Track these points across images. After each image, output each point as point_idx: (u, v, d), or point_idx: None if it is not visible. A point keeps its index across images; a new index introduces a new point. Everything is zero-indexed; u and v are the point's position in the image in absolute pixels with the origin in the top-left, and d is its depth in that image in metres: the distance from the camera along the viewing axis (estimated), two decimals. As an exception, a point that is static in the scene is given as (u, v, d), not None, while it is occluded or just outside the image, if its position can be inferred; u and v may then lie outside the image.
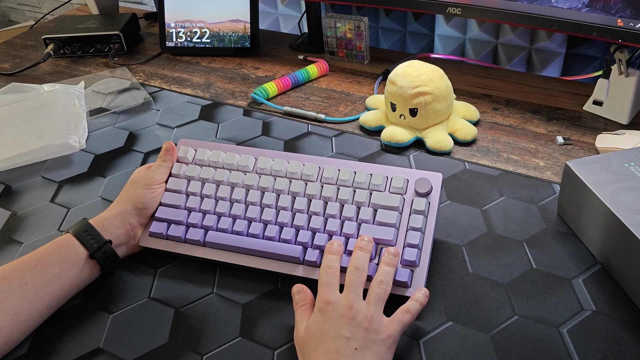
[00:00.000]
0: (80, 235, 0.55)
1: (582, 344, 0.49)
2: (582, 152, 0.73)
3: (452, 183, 0.68)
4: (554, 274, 0.55)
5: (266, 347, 0.51)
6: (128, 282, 0.58)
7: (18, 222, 0.68)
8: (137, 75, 1.00)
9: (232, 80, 0.96)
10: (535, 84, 0.89)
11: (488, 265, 0.57)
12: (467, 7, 0.79)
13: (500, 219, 0.62)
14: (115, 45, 1.07)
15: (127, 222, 0.59)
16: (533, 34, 0.96)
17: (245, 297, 0.56)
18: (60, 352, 0.52)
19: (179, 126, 0.84)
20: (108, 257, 0.56)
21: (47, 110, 0.84)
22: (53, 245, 0.55)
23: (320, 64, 0.95)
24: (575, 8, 0.71)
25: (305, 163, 0.62)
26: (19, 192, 0.73)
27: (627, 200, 0.52)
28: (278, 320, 0.53)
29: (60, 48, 1.07)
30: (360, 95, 0.89)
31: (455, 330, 0.51)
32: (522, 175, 0.69)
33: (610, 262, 0.54)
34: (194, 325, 0.53)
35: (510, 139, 0.76)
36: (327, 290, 0.48)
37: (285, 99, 0.89)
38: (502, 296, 0.54)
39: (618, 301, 0.52)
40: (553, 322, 0.51)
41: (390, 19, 1.08)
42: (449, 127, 0.75)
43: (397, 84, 0.73)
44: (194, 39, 1.04)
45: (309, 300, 0.51)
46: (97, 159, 0.78)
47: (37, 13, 1.84)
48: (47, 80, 1.00)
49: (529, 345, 0.49)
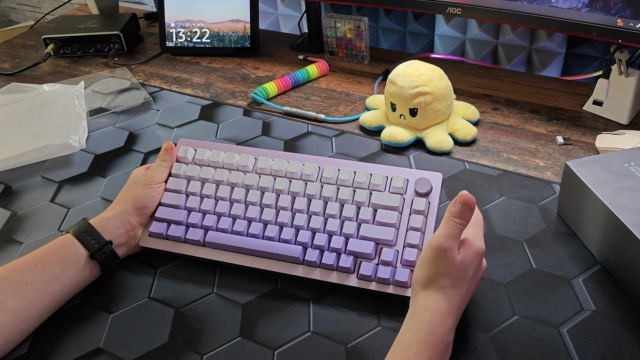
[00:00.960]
0: (80, 236, 0.55)
1: (582, 343, 0.49)
2: (582, 152, 0.73)
3: (452, 183, 0.68)
4: (554, 274, 0.55)
5: (266, 347, 0.51)
6: (128, 282, 0.58)
7: (18, 222, 0.68)
8: (137, 75, 1.00)
9: (232, 80, 0.96)
10: (535, 84, 0.89)
11: (488, 265, 0.57)
12: (467, 7, 0.79)
13: (500, 219, 0.62)
14: (115, 45, 1.07)
15: (127, 222, 0.59)
16: (533, 34, 0.96)
17: (245, 297, 0.56)
18: (60, 352, 0.51)
19: (179, 126, 0.84)
20: (108, 257, 0.56)
21: (47, 110, 0.84)
22: (53, 246, 0.55)
23: (320, 64, 0.95)
24: (575, 8, 0.71)
25: (305, 163, 0.62)
26: (19, 192, 0.73)
27: (627, 200, 0.52)
28: (278, 320, 0.53)
29: (60, 48, 1.07)
30: (360, 95, 0.89)
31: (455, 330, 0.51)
32: (522, 175, 0.69)
33: (610, 262, 0.54)
34: (194, 325, 0.53)
35: (510, 139, 0.76)
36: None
37: (285, 99, 0.89)
38: (502, 296, 0.53)
39: (618, 301, 0.52)
40: (553, 322, 0.51)
41: (390, 19, 1.08)
42: (449, 127, 0.75)
43: (397, 84, 0.73)
44: (194, 39, 1.04)
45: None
46: (97, 159, 0.78)
47: (37, 13, 1.84)
48: (47, 80, 1.00)
49: (529, 345, 0.49)
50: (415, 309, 0.45)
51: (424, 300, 0.45)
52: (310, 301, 0.55)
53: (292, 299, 0.55)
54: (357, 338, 0.51)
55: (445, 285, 0.45)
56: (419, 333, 0.44)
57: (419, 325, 0.44)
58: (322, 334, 0.51)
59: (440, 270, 0.45)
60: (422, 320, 0.44)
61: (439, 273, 0.45)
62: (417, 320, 0.45)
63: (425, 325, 0.44)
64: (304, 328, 0.52)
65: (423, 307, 0.45)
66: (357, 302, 0.54)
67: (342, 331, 0.52)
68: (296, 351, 0.50)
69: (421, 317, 0.44)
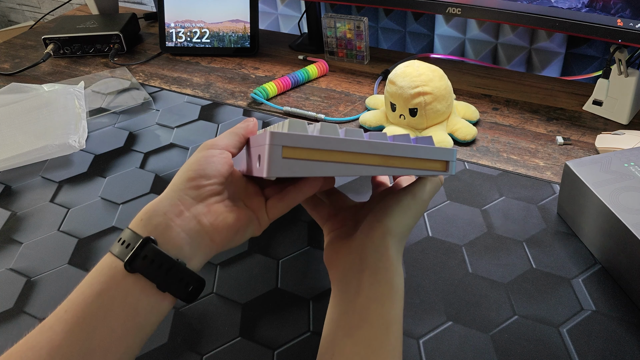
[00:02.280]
0: (117, 253, 0.39)
1: (582, 343, 0.49)
2: (582, 152, 0.73)
3: (452, 183, 0.68)
4: (554, 273, 0.55)
5: (266, 347, 0.51)
6: (128, 282, 0.58)
7: (18, 222, 0.68)
8: (137, 76, 1.00)
9: (232, 80, 0.96)
10: (535, 84, 0.89)
11: (488, 265, 0.57)
12: (467, 7, 0.79)
13: (500, 219, 0.62)
14: (115, 46, 1.07)
15: (180, 203, 0.40)
16: (533, 34, 0.96)
17: (245, 297, 0.56)
18: (60, 352, 0.51)
19: (178, 126, 0.84)
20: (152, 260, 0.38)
21: (46, 110, 0.84)
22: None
23: (320, 64, 0.95)
24: (575, 8, 0.71)
25: None
26: (19, 192, 0.73)
27: (627, 200, 0.52)
28: (278, 320, 0.53)
29: (60, 48, 1.07)
30: (360, 96, 0.89)
31: (455, 330, 0.51)
32: (522, 175, 0.69)
33: (610, 262, 0.54)
34: (194, 325, 0.53)
35: (510, 139, 0.76)
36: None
37: (285, 99, 0.89)
38: (502, 296, 0.53)
39: (618, 301, 0.52)
40: (553, 322, 0.51)
41: (390, 19, 1.08)
42: (448, 127, 0.75)
43: (396, 84, 0.73)
44: (193, 39, 1.04)
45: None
46: (96, 159, 0.78)
47: (37, 13, 1.84)
48: (46, 81, 1.00)
49: (528, 345, 0.49)
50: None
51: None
52: (310, 301, 0.55)
53: (292, 299, 0.55)
54: (357, 338, 0.51)
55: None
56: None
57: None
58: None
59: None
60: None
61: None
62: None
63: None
64: (304, 328, 0.52)
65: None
66: (357, 302, 0.54)
67: (342, 331, 0.52)
68: (296, 351, 0.50)
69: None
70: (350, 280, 0.43)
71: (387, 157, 0.41)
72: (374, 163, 0.40)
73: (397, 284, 0.42)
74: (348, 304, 0.42)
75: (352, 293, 0.42)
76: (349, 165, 0.39)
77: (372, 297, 0.41)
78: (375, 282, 0.42)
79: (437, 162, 0.45)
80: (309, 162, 0.37)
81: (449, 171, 0.45)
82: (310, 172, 0.37)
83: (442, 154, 0.44)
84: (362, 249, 0.44)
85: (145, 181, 0.73)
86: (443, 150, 0.44)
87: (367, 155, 0.40)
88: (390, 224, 0.45)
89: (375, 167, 0.40)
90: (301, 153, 0.37)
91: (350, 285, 0.42)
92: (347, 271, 0.44)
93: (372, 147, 0.40)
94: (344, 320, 0.41)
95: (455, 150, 0.45)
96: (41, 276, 0.60)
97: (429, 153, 0.43)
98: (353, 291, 0.42)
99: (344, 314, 0.41)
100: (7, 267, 0.61)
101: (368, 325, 0.40)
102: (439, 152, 0.44)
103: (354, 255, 0.44)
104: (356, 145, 0.39)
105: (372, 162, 0.40)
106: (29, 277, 0.60)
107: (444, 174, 0.45)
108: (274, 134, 0.36)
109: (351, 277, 0.43)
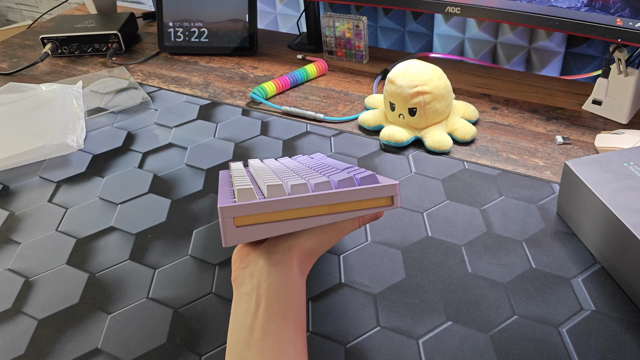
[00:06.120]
0: None
1: (582, 343, 0.49)
2: (581, 151, 0.72)
3: (451, 183, 0.68)
4: (554, 273, 0.55)
5: (265, 347, 0.50)
6: (126, 282, 0.58)
7: (16, 222, 0.67)
8: (135, 75, 1.00)
9: (230, 79, 0.96)
10: (535, 83, 0.89)
11: (487, 265, 0.57)
12: (466, 7, 0.79)
13: (500, 218, 0.62)
14: (113, 45, 1.07)
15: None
16: (532, 34, 0.96)
17: (244, 298, 0.55)
18: (58, 353, 0.51)
19: (177, 126, 0.84)
20: None
21: (44, 110, 0.84)
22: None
23: (319, 63, 0.94)
24: (575, 7, 0.71)
25: None
26: (17, 192, 0.73)
27: (627, 199, 0.52)
28: (277, 320, 0.53)
29: (58, 48, 1.07)
30: (359, 95, 0.89)
31: (454, 330, 0.51)
32: (521, 174, 0.69)
33: (610, 262, 0.54)
34: (193, 326, 0.53)
35: (510, 138, 0.76)
36: None
37: (283, 99, 0.89)
38: (502, 296, 0.53)
39: (617, 301, 0.52)
40: (552, 321, 0.51)
41: (389, 19, 1.08)
42: (448, 126, 0.75)
43: (396, 84, 0.73)
44: (192, 39, 1.04)
45: None
46: (95, 159, 0.78)
47: (35, 12, 1.83)
48: (44, 80, 1.00)
49: (528, 345, 0.49)
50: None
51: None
52: (310, 301, 0.54)
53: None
54: (357, 338, 0.51)
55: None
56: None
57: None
58: (321, 334, 0.51)
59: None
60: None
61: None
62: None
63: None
64: (303, 328, 0.52)
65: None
66: (357, 302, 0.54)
67: (342, 331, 0.51)
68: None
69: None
70: (251, 292, 0.42)
71: (333, 205, 0.43)
72: (322, 213, 0.43)
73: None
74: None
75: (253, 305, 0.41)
76: (300, 220, 0.42)
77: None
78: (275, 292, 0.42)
79: (382, 199, 0.45)
80: (262, 225, 0.41)
81: (395, 205, 0.46)
82: (265, 234, 0.41)
83: (386, 191, 0.45)
84: (267, 255, 0.44)
85: (143, 181, 0.72)
86: (386, 187, 0.45)
87: (314, 208, 0.43)
88: (298, 239, 0.44)
89: (324, 216, 0.43)
90: (252, 219, 0.41)
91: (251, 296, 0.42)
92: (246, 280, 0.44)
93: (317, 200, 0.42)
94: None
95: (398, 184, 0.46)
96: (39, 276, 0.59)
97: (372, 193, 0.45)
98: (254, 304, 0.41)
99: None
100: (5, 267, 0.61)
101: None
102: (382, 190, 0.45)
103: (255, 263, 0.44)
104: (301, 201, 0.42)
105: (320, 212, 0.43)
106: (27, 277, 0.60)
107: (391, 208, 0.46)
108: (222, 209, 0.40)
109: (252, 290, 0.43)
